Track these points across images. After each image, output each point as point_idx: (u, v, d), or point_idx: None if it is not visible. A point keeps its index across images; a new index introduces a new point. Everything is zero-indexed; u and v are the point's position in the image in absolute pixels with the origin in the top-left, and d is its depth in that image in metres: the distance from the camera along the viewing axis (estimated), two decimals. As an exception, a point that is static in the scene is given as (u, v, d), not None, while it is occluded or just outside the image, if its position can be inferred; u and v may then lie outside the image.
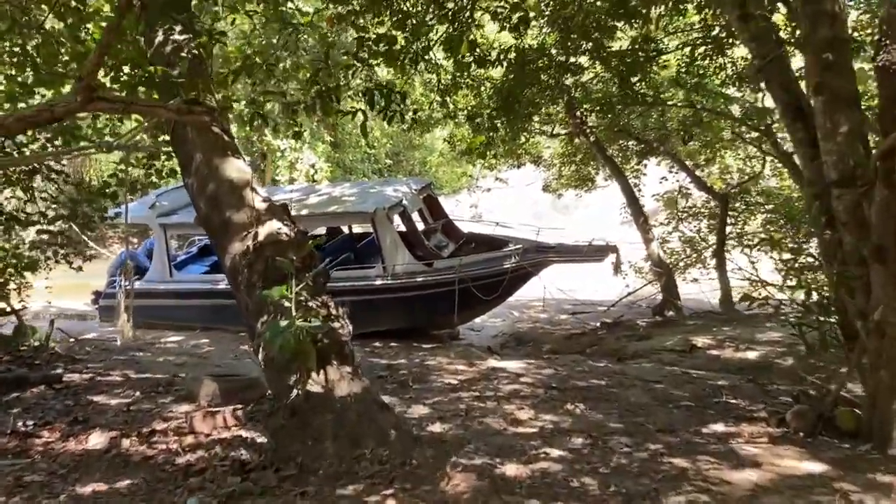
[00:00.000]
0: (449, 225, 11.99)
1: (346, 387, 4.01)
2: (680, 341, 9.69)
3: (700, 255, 15.29)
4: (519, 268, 10.35)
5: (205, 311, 11.48)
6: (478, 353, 8.39)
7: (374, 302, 10.68)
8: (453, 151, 14.87)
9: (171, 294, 11.72)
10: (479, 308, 10.95)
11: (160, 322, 11.89)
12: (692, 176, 13.67)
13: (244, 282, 4.42)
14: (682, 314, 11.97)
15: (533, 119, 13.35)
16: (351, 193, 11.37)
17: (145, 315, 12.02)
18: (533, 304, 15.42)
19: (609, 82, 12.67)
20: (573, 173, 16.18)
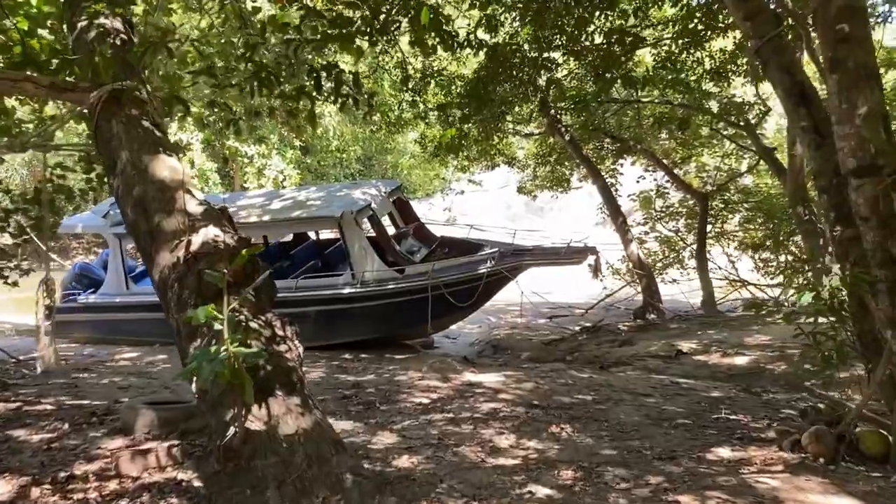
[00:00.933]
0: (421, 229, 11.39)
1: (294, 423, 3.39)
2: (664, 346, 9.20)
3: (678, 256, 14.90)
4: (495, 272, 9.79)
5: (163, 326, 10.71)
6: (452, 366, 7.79)
7: (343, 311, 10.06)
8: (424, 152, 14.28)
9: (127, 308, 10.99)
10: (454, 315, 10.36)
11: (116, 337, 11.18)
12: (670, 174, 13.24)
13: (174, 299, 3.79)
14: (664, 317, 11.50)
15: (506, 118, 12.82)
16: (317, 197, 10.73)
17: (101, 330, 11.31)
18: (510, 309, 14.87)
19: (584, 79, 12.20)
20: (548, 174, 15.69)
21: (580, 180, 16.84)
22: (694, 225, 14.42)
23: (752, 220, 14.08)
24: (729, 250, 14.40)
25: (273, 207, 10.52)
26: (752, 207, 13.44)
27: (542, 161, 14.80)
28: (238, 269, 3.71)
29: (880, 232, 3.63)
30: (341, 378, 6.97)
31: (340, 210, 9.70)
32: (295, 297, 9.99)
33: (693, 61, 11.18)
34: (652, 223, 15.14)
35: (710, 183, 14.99)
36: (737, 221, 14.74)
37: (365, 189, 10.82)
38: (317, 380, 6.91)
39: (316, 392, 6.20)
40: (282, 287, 10.11)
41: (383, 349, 10.30)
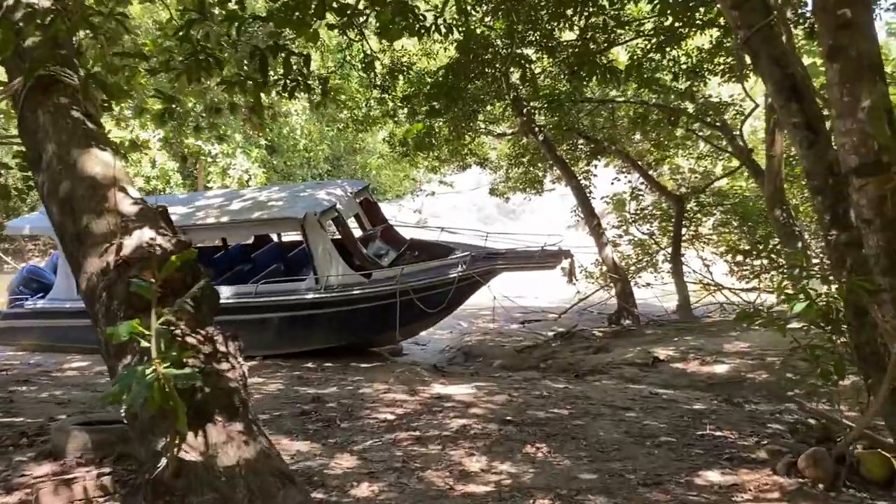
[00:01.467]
0: (389, 231, 10.96)
1: (235, 452, 2.96)
2: (641, 353, 8.90)
3: (653, 259, 14.67)
4: (466, 277, 9.40)
5: (115, 332, 10.19)
6: (421, 376, 7.41)
7: (306, 318, 9.62)
8: (393, 152, 13.86)
9: (77, 314, 10.38)
10: (424, 322, 9.96)
11: (66, 345, 10.59)
12: (645, 176, 13.00)
13: (102, 310, 3.34)
14: (639, 322, 11.22)
15: (478, 117, 12.48)
16: (279, 198, 10.26)
17: (49, 337, 10.73)
18: (482, 314, 14.49)
19: (558, 77, 11.90)
20: (521, 176, 15.36)
21: (553, 182, 16.56)
22: (668, 228, 14.21)
23: (727, 223, 13.91)
24: (704, 254, 14.20)
25: (232, 208, 10.03)
26: (728, 210, 13.25)
27: (514, 162, 14.46)
28: (174, 277, 3.27)
29: (885, 236, 3.32)
30: (301, 391, 6.53)
31: (303, 211, 9.25)
32: (255, 303, 9.53)
33: (669, 60, 10.94)
34: (626, 226, 14.89)
35: (684, 185, 14.81)
36: (711, 224, 14.58)
37: (330, 189, 10.38)
38: (275, 393, 6.47)
39: (272, 407, 5.78)
40: (241, 292, 9.70)
41: (349, 357, 9.88)
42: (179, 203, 10.90)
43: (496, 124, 14.00)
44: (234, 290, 9.70)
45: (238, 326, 8.73)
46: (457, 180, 30.81)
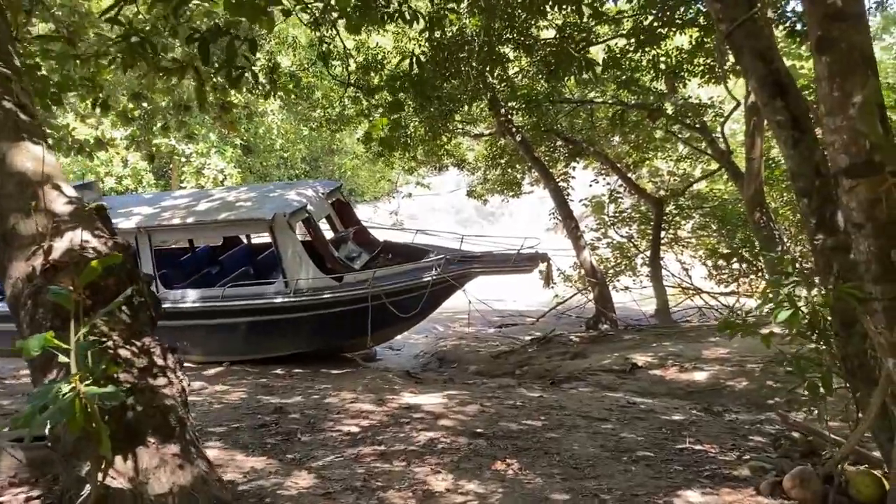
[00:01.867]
0: (362, 233, 10.67)
1: (168, 478, 2.69)
2: (618, 360, 8.69)
3: (631, 262, 14.52)
4: (440, 280, 9.14)
5: (77, 337, 9.82)
6: (391, 384, 7.13)
7: (275, 322, 9.30)
8: (368, 152, 13.55)
9: None
10: (397, 327, 9.67)
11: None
12: (624, 178, 12.82)
13: (27, 319, 3.04)
14: (617, 327, 11.02)
15: (454, 117, 12.22)
16: (248, 198, 9.93)
17: (6, 342, 10.28)
18: (459, 318, 14.24)
19: (535, 77, 11.69)
20: (498, 177, 15.14)
21: (531, 184, 16.36)
22: (647, 231, 14.07)
23: (706, 226, 13.78)
24: (683, 257, 14.07)
25: (199, 209, 9.68)
26: (707, 214, 13.12)
27: (492, 163, 14.22)
28: (107, 283, 2.98)
29: (877, 241, 3.10)
30: (264, 400, 6.22)
31: (272, 212, 8.94)
32: (222, 307, 9.19)
33: (648, 60, 10.78)
34: (605, 229, 14.73)
35: (663, 188, 14.67)
36: (689, 228, 14.46)
37: (301, 190, 10.07)
38: (236, 402, 6.15)
39: (232, 418, 5.47)
40: (207, 296, 9.36)
41: (320, 363, 9.58)
42: (145, 203, 10.54)
43: (473, 125, 13.76)
44: (200, 294, 9.36)
45: (204, 331, 8.41)
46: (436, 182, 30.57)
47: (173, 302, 9.34)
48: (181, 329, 9.51)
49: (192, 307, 9.28)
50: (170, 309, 9.33)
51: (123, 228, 9.43)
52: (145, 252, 9.37)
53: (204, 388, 6.94)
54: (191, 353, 9.57)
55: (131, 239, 9.55)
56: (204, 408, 5.96)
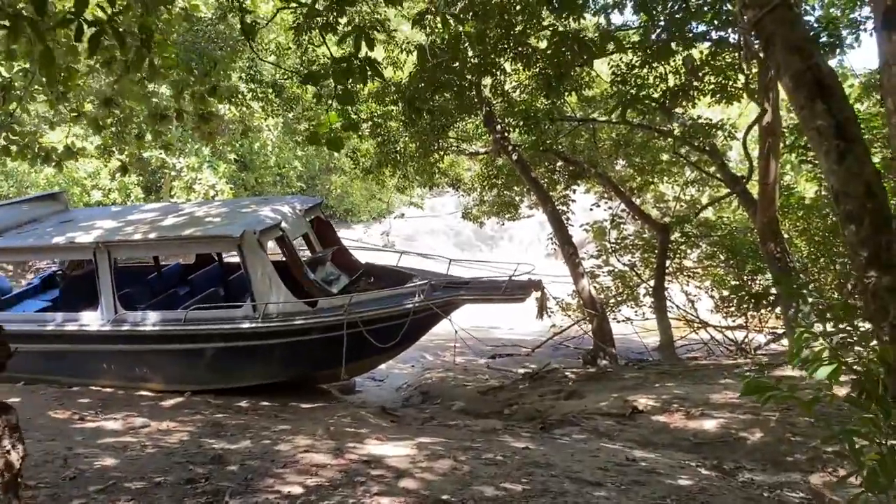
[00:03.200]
0: (342, 254, 9.86)
1: None
2: (617, 402, 7.83)
3: (633, 292, 13.70)
4: (423, 308, 8.31)
5: (30, 359, 9.00)
6: (358, 427, 6.29)
7: (241, 350, 8.50)
8: (357, 168, 12.78)
9: None
10: (375, 357, 8.84)
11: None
12: (628, 203, 12.03)
13: None
14: (616, 363, 10.16)
15: (447, 133, 11.48)
16: (218, 213, 9.16)
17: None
18: (449, 346, 13.33)
19: (534, 93, 10.96)
20: (495, 199, 14.37)
21: (531, 207, 15.60)
22: (651, 259, 13.26)
23: (713, 256, 12.98)
24: (689, 288, 13.25)
25: (165, 224, 8.92)
26: (715, 242, 12.32)
27: (488, 184, 13.43)
28: None
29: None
30: (206, 445, 5.39)
31: (241, 229, 8.16)
32: (183, 332, 8.38)
33: (655, 77, 10.07)
34: (606, 256, 13.93)
35: (668, 214, 13.90)
36: (696, 257, 13.67)
37: (276, 206, 9.29)
38: (172, 447, 5.32)
39: (159, 468, 4.63)
40: (168, 318, 8.54)
41: (291, 395, 8.78)
42: (111, 216, 9.79)
43: (469, 142, 13.02)
44: (161, 316, 8.55)
45: (165, 357, 7.57)
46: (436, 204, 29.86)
47: (132, 324, 8.54)
48: (140, 354, 8.72)
49: (151, 331, 8.47)
50: (127, 332, 8.56)
51: (80, 243, 8.68)
52: (104, 269, 8.59)
53: (145, 427, 6.10)
54: (150, 381, 8.78)
55: (89, 254, 8.80)
56: (134, 452, 5.13)
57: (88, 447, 5.22)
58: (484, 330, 18.47)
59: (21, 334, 8.95)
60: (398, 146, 11.15)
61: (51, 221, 9.88)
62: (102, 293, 8.65)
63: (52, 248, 8.99)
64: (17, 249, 9.17)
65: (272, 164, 25.64)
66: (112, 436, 5.69)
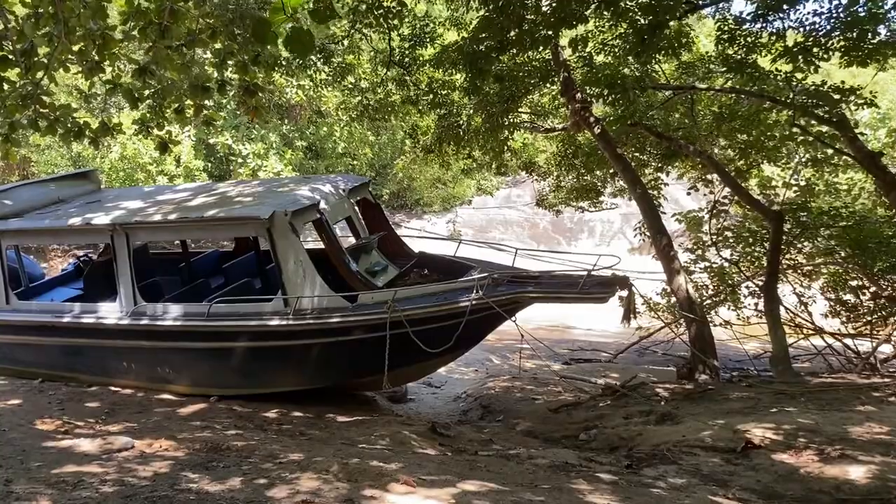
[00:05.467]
0: (392, 241, 8.50)
1: None
2: (724, 431, 6.16)
3: (734, 292, 11.85)
4: (482, 306, 6.84)
5: (51, 354, 8.11)
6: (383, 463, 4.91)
7: (270, 350, 7.29)
8: (416, 148, 11.36)
9: (5, 328, 8.34)
10: (423, 364, 7.44)
11: (-3, 365, 8.61)
12: (734, 186, 10.14)
13: None
14: (719, 378, 8.42)
15: (518, 105, 9.96)
16: (251, 193, 7.99)
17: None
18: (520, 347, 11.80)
19: (622, 55, 9.33)
20: (574, 183, 12.71)
21: (614, 195, 13.88)
22: (755, 253, 11.39)
23: (831, 251, 10.96)
24: (800, 288, 11.31)
25: (191, 204, 7.81)
26: (835, 235, 10.32)
27: (566, 165, 11.74)
28: None
29: None
30: (183, 483, 4.12)
31: (270, 210, 6.92)
32: (206, 328, 7.23)
33: (770, 34, 8.32)
34: (701, 250, 12.11)
35: (775, 202, 11.94)
36: (807, 252, 11.67)
37: (316, 184, 8.04)
38: (138, 486, 4.07)
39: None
40: (191, 313, 7.40)
41: (332, 403, 7.56)
42: (140, 196, 8.78)
43: (543, 118, 11.44)
44: (183, 310, 7.42)
45: (188, 356, 6.38)
46: (512, 194, 28.26)
47: (152, 318, 7.46)
48: (161, 352, 7.65)
49: (171, 326, 7.36)
50: (145, 327, 7.49)
51: (96, 225, 7.67)
52: (122, 255, 7.55)
53: (125, 449, 4.91)
54: (174, 383, 7.70)
55: (105, 238, 7.78)
56: (86, 492, 3.91)
57: (32, 481, 4.04)
58: (558, 330, 16.94)
59: (38, 326, 8.06)
60: (461, 119, 9.70)
61: (77, 202, 8.96)
62: (121, 282, 7.62)
63: (67, 231, 8.02)
64: (31, 231, 8.24)
65: (339, 152, 24.64)
66: (77, 462, 4.52)
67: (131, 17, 7.24)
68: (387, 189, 26.42)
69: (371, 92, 10.46)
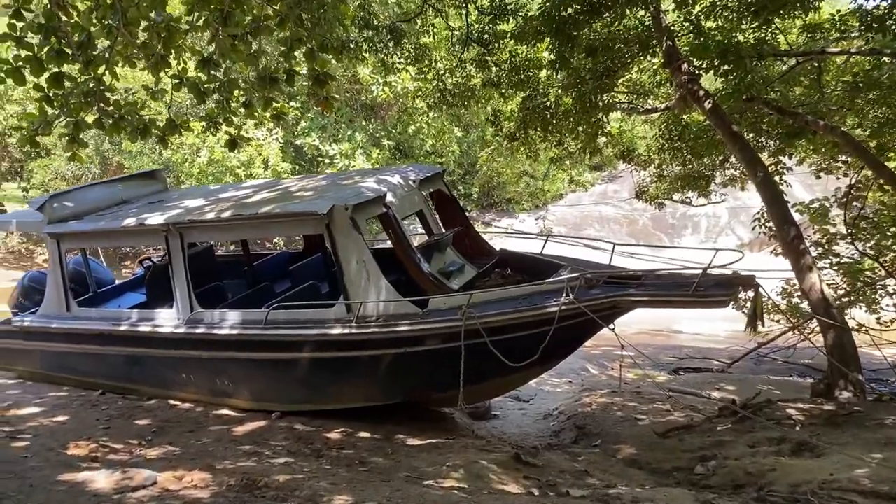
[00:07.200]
0: (470, 238, 7.53)
1: None
2: (886, 470, 4.85)
3: (874, 291, 10.21)
4: (574, 312, 5.76)
5: (111, 364, 7.65)
6: (484, 481, 3.96)
7: (332, 362, 6.48)
8: (499, 136, 10.31)
9: (65, 336, 7.96)
10: (504, 379, 6.40)
11: (58, 375, 8.26)
12: (877, 167, 8.55)
13: None
14: (865, 397, 6.95)
15: (614, 82, 8.78)
16: (313, 188, 7.23)
17: (42, 363, 8.44)
18: (618, 354, 10.53)
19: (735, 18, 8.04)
20: (679, 172, 11.32)
21: (724, 185, 12.38)
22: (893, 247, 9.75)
23: None
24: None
25: (250, 201, 7.12)
26: None
27: (669, 150, 10.35)
28: None
29: None
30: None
31: (329, 204, 6.11)
32: (261, 337, 6.50)
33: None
34: (828, 244, 10.52)
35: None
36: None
37: (384, 176, 7.18)
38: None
39: None
40: (249, 320, 6.64)
41: (405, 420, 6.70)
42: (200, 195, 8.23)
43: (643, 98, 10.16)
44: (241, 317, 6.73)
45: (248, 367, 5.55)
46: (608, 189, 26.75)
47: (207, 325, 6.81)
48: (219, 363, 7.00)
49: (226, 334, 6.69)
50: (201, 336, 6.85)
51: (150, 226, 7.11)
52: (177, 257, 6.96)
53: (145, 486, 4.16)
54: (234, 397, 7.04)
55: (160, 239, 7.20)
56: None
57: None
58: (662, 334, 15.49)
59: (96, 335, 7.60)
60: (548, 100, 8.62)
61: (140, 202, 8.51)
62: (176, 286, 7.04)
63: (122, 233, 7.50)
64: (88, 234, 7.79)
65: (427, 150, 23.93)
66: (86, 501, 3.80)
67: (195, 7, 6.68)
68: (475, 188, 25.50)
69: (448, 75, 9.53)
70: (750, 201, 20.53)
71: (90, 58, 6.55)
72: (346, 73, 22.72)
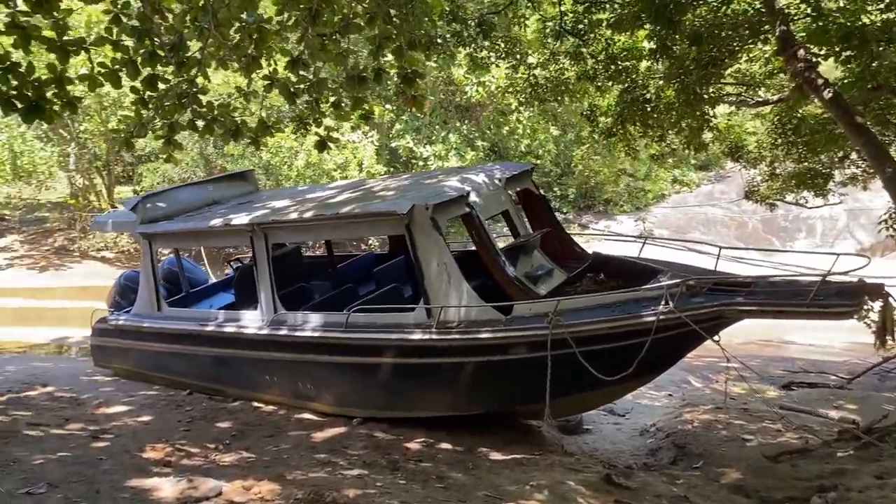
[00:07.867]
0: (559, 241, 7.09)
1: None
2: None
3: None
4: (674, 322, 5.24)
5: (199, 364, 7.72)
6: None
7: (411, 368, 6.21)
8: (595, 132, 9.74)
9: (155, 336, 8.10)
10: (595, 392, 5.93)
11: (150, 374, 8.44)
12: None
13: None
14: None
15: (721, 72, 8.11)
16: (396, 187, 7.01)
17: (136, 362, 8.66)
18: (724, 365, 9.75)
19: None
20: (793, 169, 10.41)
21: (844, 184, 11.35)
22: None
23: None
24: None
25: (332, 202, 6.98)
26: None
27: (783, 145, 9.49)
28: None
29: None
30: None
31: (409, 204, 5.85)
32: (342, 340, 6.32)
33: None
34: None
35: None
36: None
37: (468, 174, 6.86)
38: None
39: None
40: (330, 323, 6.47)
41: (492, 432, 6.36)
42: (287, 196, 8.20)
43: (753, 90, 9.38)
44: (323, 319, 6.59)
45: (329, 371, 5.41)
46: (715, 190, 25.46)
47: (290, 327, 6.71)
48: (301, 365, 6.88)
49: (307, 337, 6.55)
50: (283, 338, 6.76)
51: (235, 226, 7.11)
52: (261, 257, 6.91)
53: (210, 496, 4.00)
54: (316, 401, 6.91)
55: (245, 239, 7.17)
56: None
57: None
58: (772, 345, 14.42)
59: (185, 335, 7.68)
60: (649, 92, 8.05)
61: (230, 203, 8.57)
62: (261, 287, 6.99)
63: (209, 233, 7.55)
64: (177, 234, 7.89)
65: (522, 150, 23.49)
66: (146, 510, 3.68)
67: (286, 7, 6.63)
68: (571, 188, 24.82)
69: (541, 68, 9.08)
70: (871, 202, 18.94)
71: (183, 59, 6.58)
72: (440, 74, 22.65)
